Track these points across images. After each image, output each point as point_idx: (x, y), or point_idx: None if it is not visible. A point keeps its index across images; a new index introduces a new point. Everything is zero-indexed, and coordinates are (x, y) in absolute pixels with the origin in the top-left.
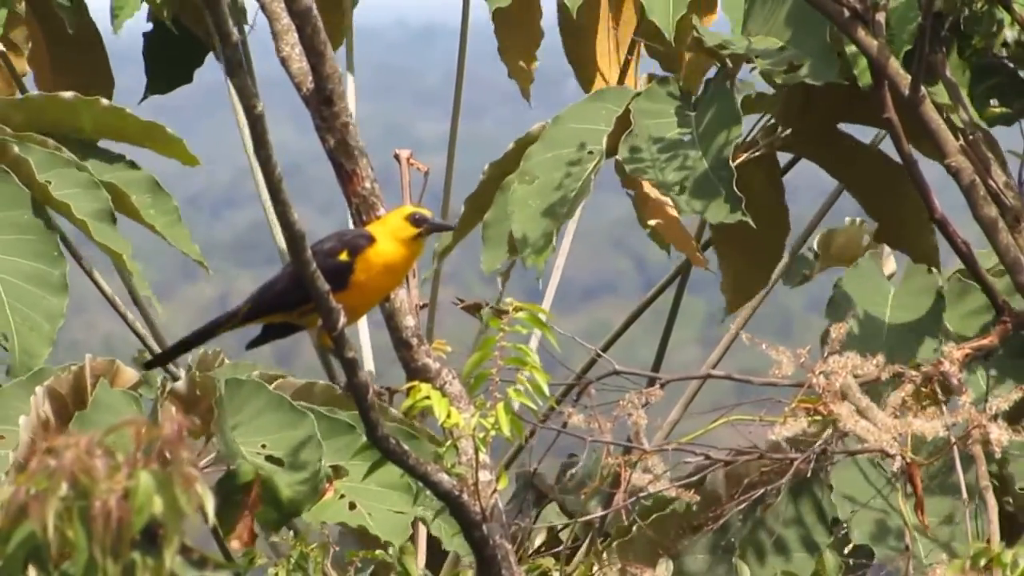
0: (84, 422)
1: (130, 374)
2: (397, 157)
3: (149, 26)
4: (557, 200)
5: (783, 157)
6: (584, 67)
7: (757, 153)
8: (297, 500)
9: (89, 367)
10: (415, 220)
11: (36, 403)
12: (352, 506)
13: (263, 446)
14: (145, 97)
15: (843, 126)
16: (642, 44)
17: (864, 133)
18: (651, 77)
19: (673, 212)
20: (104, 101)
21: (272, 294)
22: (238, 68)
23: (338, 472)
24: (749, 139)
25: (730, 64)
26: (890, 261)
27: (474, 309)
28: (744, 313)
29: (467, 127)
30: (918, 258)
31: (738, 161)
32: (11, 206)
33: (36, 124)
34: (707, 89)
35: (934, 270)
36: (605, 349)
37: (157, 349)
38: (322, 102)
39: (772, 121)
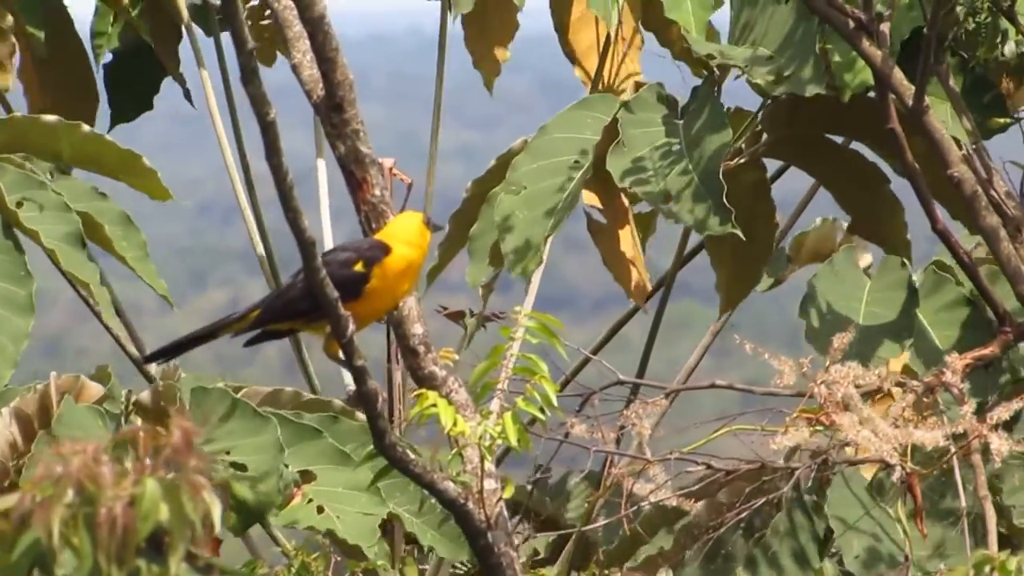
0: (47, 440)
1: (95, 389)
2: (380, 165)
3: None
4: (544, 211)
5: (771, 164)
6: (581, 62)
7: (743, 160)
8: (261, 505)
9: (54, 385)
10: (430, 225)
11: (2, 424)
12: (320, 510)
13: (227, 452)
14: (111, 128)
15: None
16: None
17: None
18: (638, 84)
19: (626, 243)
20: (85, 128)
21: (283, 301)
22: (253, 76)
23: (307, 477)
24: (734, 147)
25: (717, 72)
26: (866, 256)
27: (457, 317)
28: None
29: (481, 137)
30: (891, 249)
31: (725, 169)
32: None
33: (18, 146)
34: (694, 97)
35: (907, 264)
36: (596, 354)
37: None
38: (333, 109)
39: (758, 128)
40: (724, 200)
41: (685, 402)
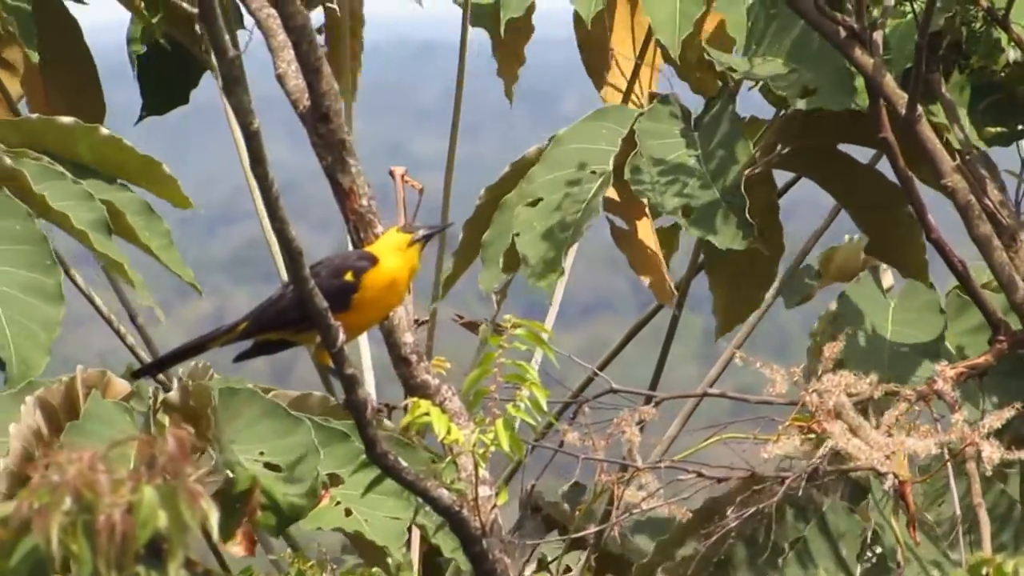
0: (76, 432)
1: (122, 386)
2: (392, 174)
3: (144, 47)
4: (560, 222)
5: (781, 176)
6: (599, 74)
7: (757, 170)
8: (296, 506)
9: (80, 378)
10: (407, 229)
11: (27, 412)
12: (348, 513)
13: (261, 453)
14: (141, 119)
15: (841, 145)
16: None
17: (862, 152)
18: (653, 96)
19: (651, 246)
20: (103, 130)
21: (273, 311)
22: (235, 85)
23: (334, 480)
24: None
25: (732, 83)
26: (888, 275)
27: (473, 326)
28: (743, 332)
29: (462, 146)
30: (908, 272)
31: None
32: (4, 216)
33: (33, 146)
34: (708, 108)
35: (935, 287)
36: (603, 368)
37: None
38: (319, 119)
39: (772, 138)
40: (747, 215)
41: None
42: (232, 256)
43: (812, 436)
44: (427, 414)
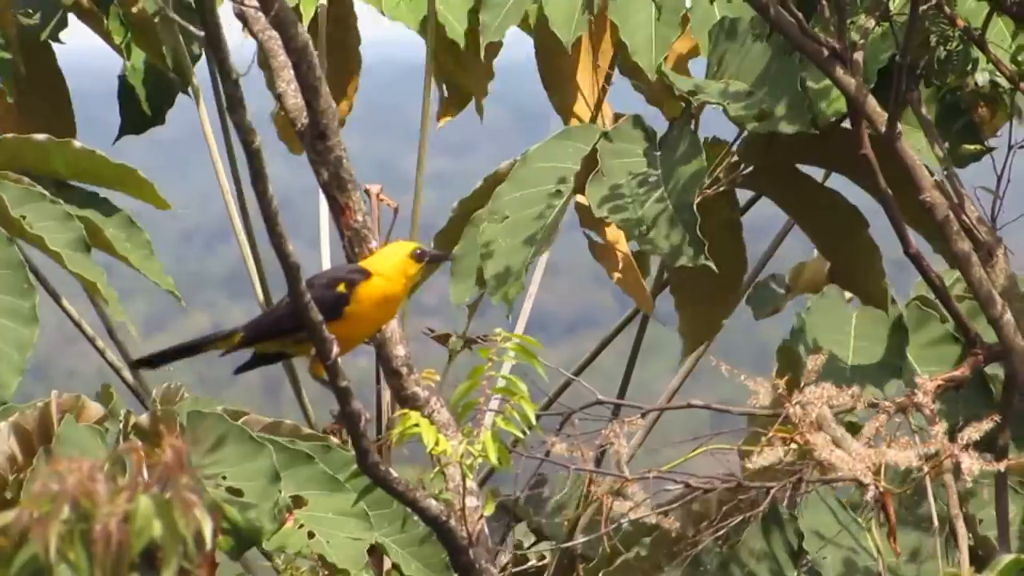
0: (48, 457)
1: (95, 409)
2: (367, 192)
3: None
4: (526, 239)
5: (743, 195)
6: (562, 97)
7: (720, 189)
8: (255, 530)
9: (55, 403)
10: (418, 256)
11: (1, 438)
12: (311, 535)
13: (223, 477)
14: (118, 138)
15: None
16: (615, 74)
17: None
18: (618, 116)
19: (626, 258)
20: (76, 144)
21: (271, 320)
22: (238, 105)
23: (298, 502)
24: (711, 176)
25: (695, 105)
26: None
27: (444, 340)
28: (720, 346)
29: (456, 164)
30: (867, 300)
31: (700, 198)
32: None
33: (10, 165)
34: (671, 129)
35: (896, 301)
36: (577, 375)
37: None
38: (316, 137)
39: (734, 158)
40: (697, 231)
41: (659, 423)
42: (229, 272)
43: (795, 447)
44: (417, 425)
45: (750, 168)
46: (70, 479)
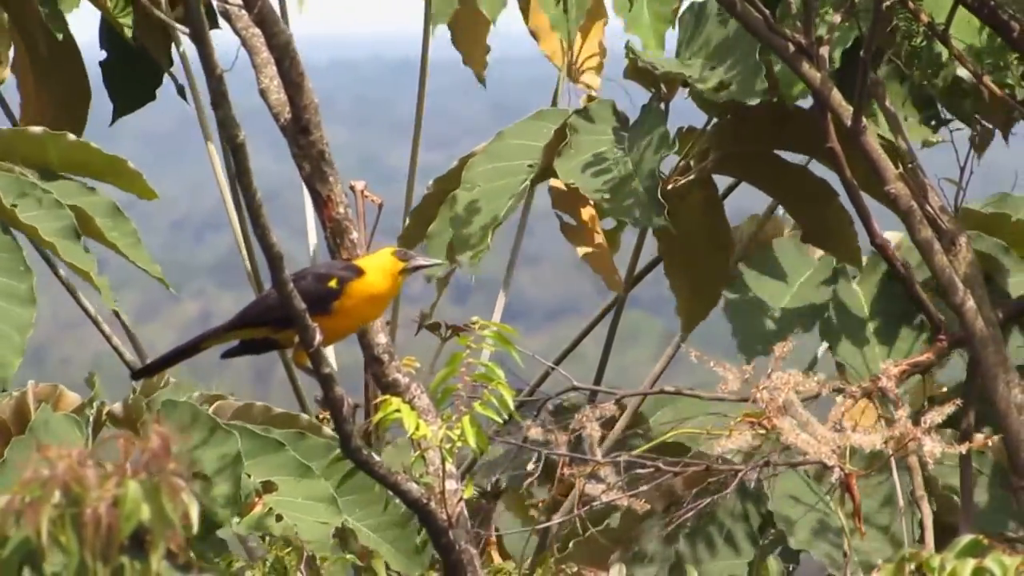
0: (22, 446)
1: (73, 398)
2: (352, 189)
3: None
4: (495, 205)
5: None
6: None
7: (691, 177)
8: (219, 514)
9: (32, 392)
10: (402, 255)
11: None
12: (279, 518)
13: (192, 463)
14: (114, 120)
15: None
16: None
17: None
18: (590, 98)
19: (598, 238)
20: (71, 136)
21: (259, 308)
22: (222, 99)
23: (268, 487)
24: (683, 164)
25: (665, 89)
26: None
27: (434, 328)
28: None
29: (437, 158)
30: (842, 258)
31: (674, 186)
32: None
33: (6, 158)
34: (642, 111)
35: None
36: (557, 364)
37: (137, 365)
38: (299, 131)
39: (705, 145)
40: (658, 195)
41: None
42: (218, 261)
43: (763, 431)
44: (398, 411)
45: (720, 154)
46: (60, 465)
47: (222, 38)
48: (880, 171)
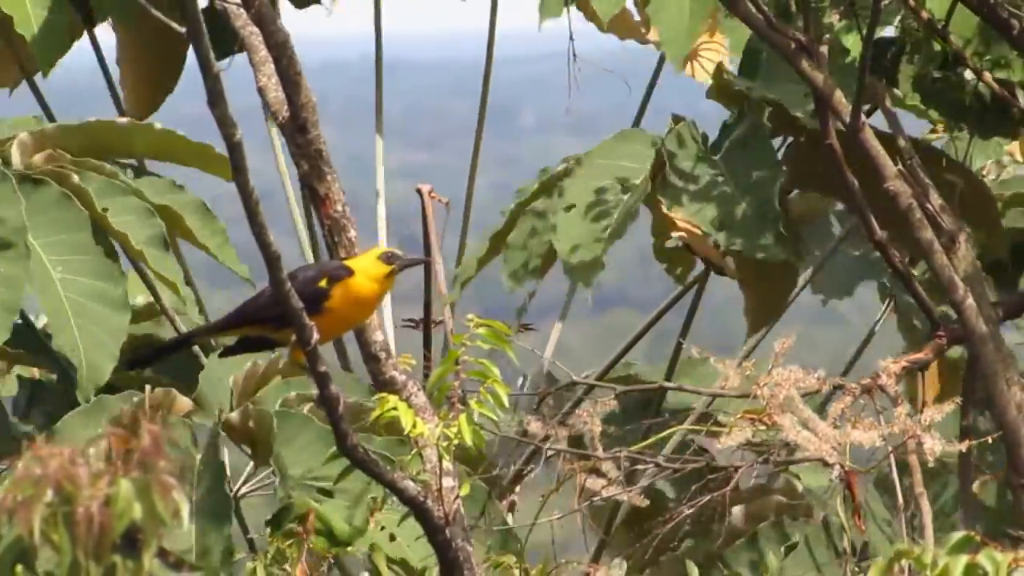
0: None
1: (184, 403)
2: (419, 192)
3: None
4: (600, 226)
5: None
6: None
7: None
8: (349, 532)
9: (148, 398)
10: (387, 259)
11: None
12: (392, 537)
13: (315, 479)
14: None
15: None
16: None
17: None
18: (677, 119)
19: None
20: (157, 125)
21: (254, 306)
22: (219, 98)
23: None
24: None
25: (749, 105)
26: None
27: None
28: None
29: (426, 157)
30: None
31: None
32: (73, 229)
33: (96, 147)
34: (725, 131)
35: None
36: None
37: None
38: (297, 130)
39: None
40: (781, 228)
41: None
42: (211, 260)
43: (763, 428)
44: (395, 409)
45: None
46: (52, 464)
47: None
48: (880, 168)
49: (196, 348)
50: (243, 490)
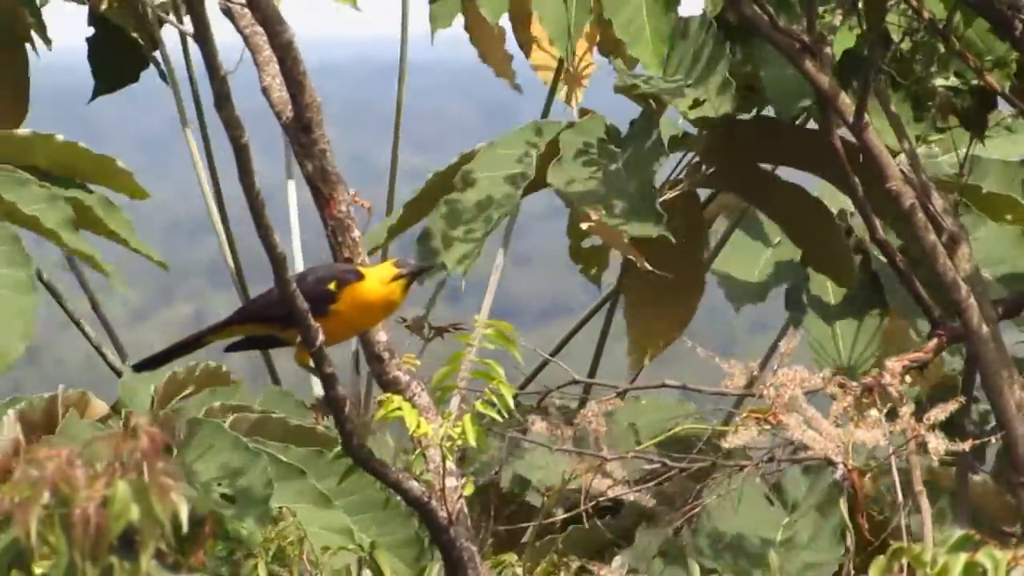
0: (50, 447)
1: (100, 406)
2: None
3: (91, 31)
4: (486, 215)
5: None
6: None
7: (682, 189)
8: (245, 539)
9: (61, 397)
10: (398, 264)
11: (8, 424)
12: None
13: (219, 484)
14: (93, 98)
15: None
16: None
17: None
18: (583, 111)
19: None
20: (59, 137)
21: (260, 305)
22: (226, 101)
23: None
24: (674, 177)
25: (654, 105)
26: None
27: (418, 328)
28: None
29: (428, 160)
30: (841, 282)
31: (665, 197)
32: None
33: None
34: (632, 127)
35: None
36: (553, 356)
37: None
38: (301, 130)
39: (696, 159)
40: (657, 206)
41: None
42: (212, 263)
43: (768, 427)
44: (399, 409)
45: (711, 169)
46: (49, 465)
47: (222, 38)
48: (882, 168)
49: None
50: None
